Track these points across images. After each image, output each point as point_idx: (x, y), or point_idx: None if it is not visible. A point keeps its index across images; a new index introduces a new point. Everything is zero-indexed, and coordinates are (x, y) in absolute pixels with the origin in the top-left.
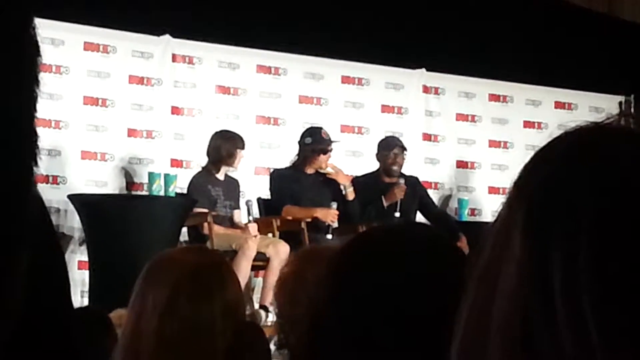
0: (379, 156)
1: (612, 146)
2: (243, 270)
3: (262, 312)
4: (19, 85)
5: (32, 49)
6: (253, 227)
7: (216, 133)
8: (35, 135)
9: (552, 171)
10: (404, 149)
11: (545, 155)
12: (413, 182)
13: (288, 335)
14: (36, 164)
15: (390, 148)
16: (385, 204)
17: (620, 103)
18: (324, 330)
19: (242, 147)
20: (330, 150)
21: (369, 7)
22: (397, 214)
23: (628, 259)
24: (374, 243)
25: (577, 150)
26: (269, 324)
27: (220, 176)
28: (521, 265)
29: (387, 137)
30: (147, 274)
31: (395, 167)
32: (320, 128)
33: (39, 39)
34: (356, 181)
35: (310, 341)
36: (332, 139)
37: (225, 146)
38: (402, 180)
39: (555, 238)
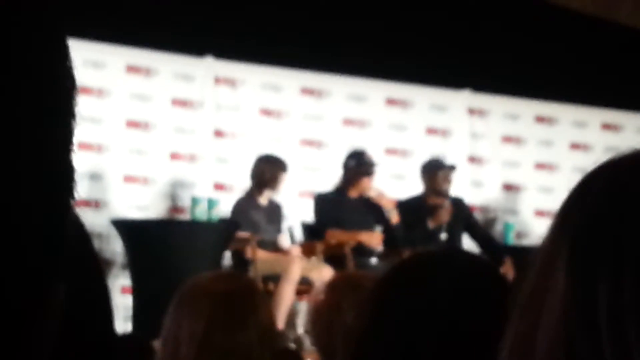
0: (426, 177)
1: None
2: (287, 295)
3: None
4: (54, 121)
5: (68, 81)
6: (296, 250)
7: (260, 157)
8: (72, 171)
9: (595, 205)
10: (452, 168)
11: (588, 187)
12: (458, 204)
13: None
14: (73, 198)
15: (438, 168)
16: (430, 226)
17: None
18: (368, 356)
19: (285, 171)
20: (374, 173)
21: (412, 28)
22: (444, 235)
23: None
24: (416, 269)
25: (619, 184)
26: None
27: (263, 200)
28: (566, 297)
29: (432, 158)
30: (179, 303)
31: (445, 186)
32: (364, 151)
33: (74, 70)
34: (400, 204)
35: None
36: (375, 162)
37: (269, 171)
38: (447, 203)
39: (600, 272)
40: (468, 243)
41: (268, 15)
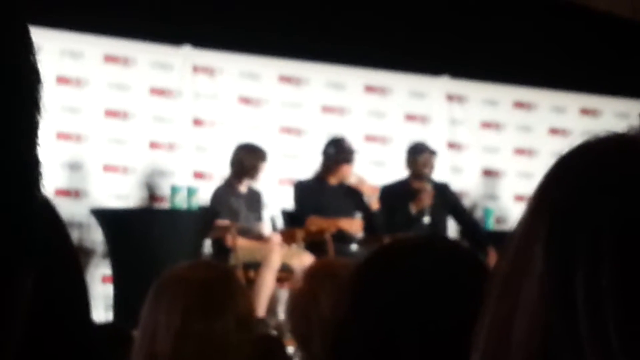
0: (409, 161)
1: (633, 164)
2: (268, 282)
3: None
4: (18, 115)
5: (32, 75)
6: (277, 237)
7: (239, 146)
8: (37, 162)
9: (574, 188)
10: (433, 153)
11: (565, 169)
12: (443, 189)
13: (302, 352)
14: (39, 189)
15: (420, 152)
16: (413, 210)
17: None
18: (347, 343)
19: (265, 160)
20: (354, 160)
21: (390, 15)
22: (426, 219)
23: None
24: (394, 255)
25: (598, 168)
26: None
27: (243, 188)
28: (543, 282)
29: (416, 143)
30: (156, 293)
31: (426, 170)
32: (343, 138)
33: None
34: (384, 189)
35: (334, 355)
36: (354, 149)
37: (248, 160)
38: (429, 186)
39: (579, 256)
40: (453, 228)
41: (245, 4)
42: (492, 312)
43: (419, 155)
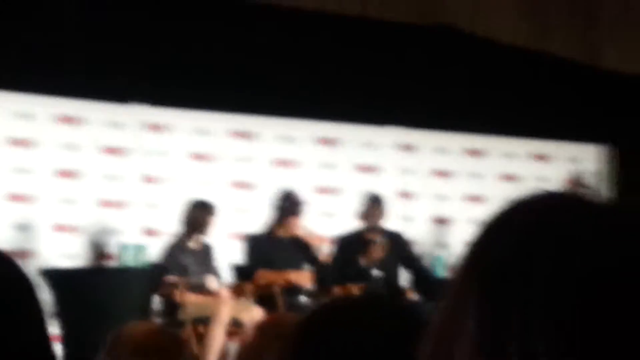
0: (361, 213)
1: (565, 223)
2: (217, 337)
3: None
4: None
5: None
6: (225, 292)
7: (191, 203)
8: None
9: (507, 248)
10: (378, 202)
11: (500, 228)
12: (396, 238)
13: None
14: None
15: (365, 203)
16: (362, 263)
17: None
18: None
19: (214, 215)
20: (302, 212)
21: (339, 67)
22: (375, 272)
23: (584, 344)
24: (336, 312)
25: (530, 229)
26: None
27: (193, 244)
28: (475, 337)
29: (368, 194)
30: (109, 353)
31: (371, 219)
32: (291, 191)
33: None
34: (339, 239)
35: None
36: (303, 201)
37: (199, 215)
38: (378, 239)
39: (511, 310)
40: (405, 277)
41: (193, 61)
42: None
43: (365, 205)
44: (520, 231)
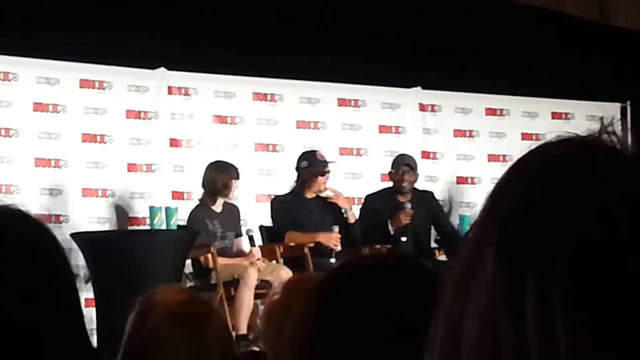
0: (391, 174)
1: (588, 170)
2: (246, 299)
3: None
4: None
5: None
6: (256, 251)
7: (210, 165)
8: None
9: (528, 191)
10: (411, 167)
11: (521, 171)
12: (427, 198)
13: None
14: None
15: (398, 167)
16: (391, 229)
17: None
18: (311, 356)
19: (237, 177)
20: (328, 172)
21: (362, 29)
22: (404, 239)
23: (602, 288)
24: (355, 270)
25: (552, 173)
26: None
27: (217, 208)
28: (493, 286)
29: (398, 155)
30: (140, 314)
31: (404, 185)
32: (316, 151)
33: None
34: (367, 198)
35: None
36: (328, 161)
37: (220, 178)
38: (408, 205)
39: (530, 261)
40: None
41: (217, 25)
42: (446, 312)
43: (397, 169)
44: (541, 175)
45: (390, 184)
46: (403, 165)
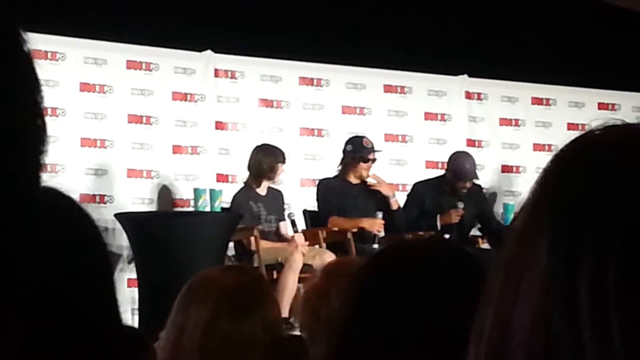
0: (451, 168)
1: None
2: (290, 283)
3: None
4: (16, 98)
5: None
6: (300, 237)
7: (257, 147)
8: (41, 145)
9: (581, 179)
10: (473, 180)
11: (572, 162)
12: (476, 193)
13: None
14: (39, 179)
15: (459, 176)
16: (439, 224)
17: None
18: (349, 343)
19: (283, 161)
20: (371, 160)
21: (409, 15)
22: (447, 236)
23: None
24: (397, 256)
25: (604, 163)
26: None
27: (262, 191)
28: (546, 278)
29: (466, 165)
30: (188, 292)
31: (462, 191)
32: (364, 137)
33: (30, 49)
34: (416, 188)
35: (337, 352)
36: (374, 148)
37: (266, 161)
38: (461, 205)
39: (584, 251)
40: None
41: (264, 9)
42: (495, 301)
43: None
44: (591, 164)
45: (440, 172)
46: (466, 180)
